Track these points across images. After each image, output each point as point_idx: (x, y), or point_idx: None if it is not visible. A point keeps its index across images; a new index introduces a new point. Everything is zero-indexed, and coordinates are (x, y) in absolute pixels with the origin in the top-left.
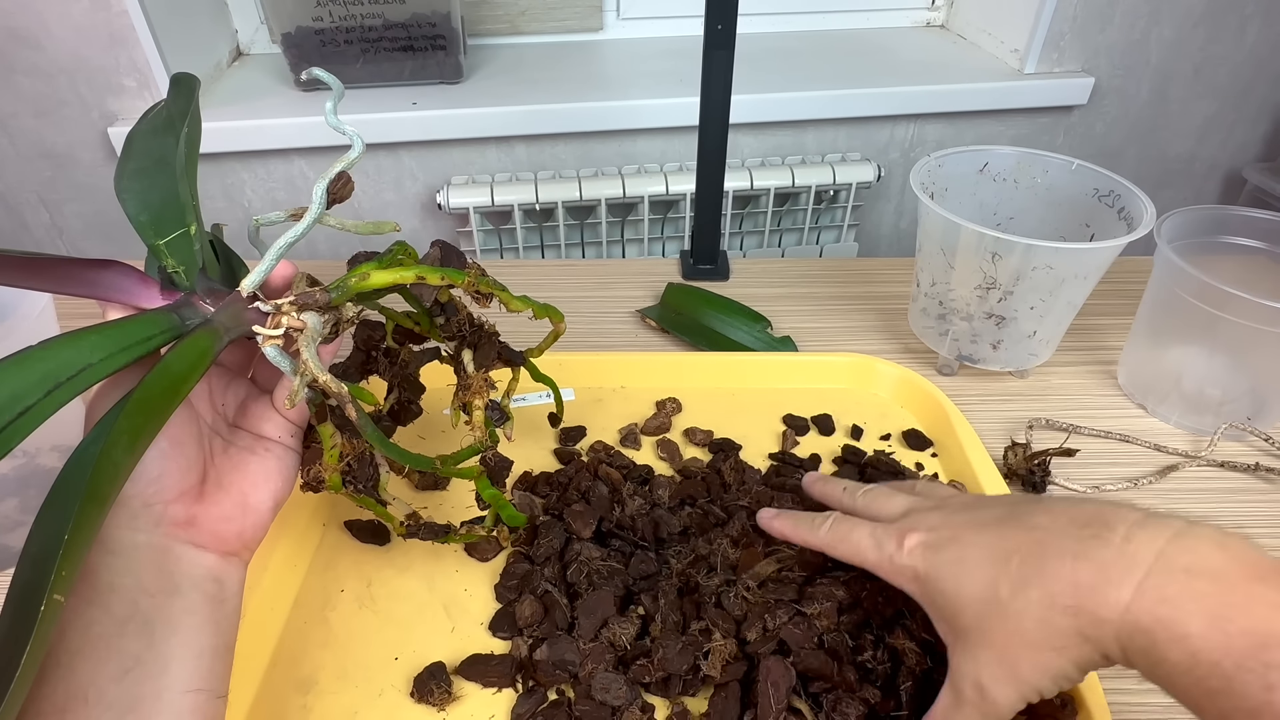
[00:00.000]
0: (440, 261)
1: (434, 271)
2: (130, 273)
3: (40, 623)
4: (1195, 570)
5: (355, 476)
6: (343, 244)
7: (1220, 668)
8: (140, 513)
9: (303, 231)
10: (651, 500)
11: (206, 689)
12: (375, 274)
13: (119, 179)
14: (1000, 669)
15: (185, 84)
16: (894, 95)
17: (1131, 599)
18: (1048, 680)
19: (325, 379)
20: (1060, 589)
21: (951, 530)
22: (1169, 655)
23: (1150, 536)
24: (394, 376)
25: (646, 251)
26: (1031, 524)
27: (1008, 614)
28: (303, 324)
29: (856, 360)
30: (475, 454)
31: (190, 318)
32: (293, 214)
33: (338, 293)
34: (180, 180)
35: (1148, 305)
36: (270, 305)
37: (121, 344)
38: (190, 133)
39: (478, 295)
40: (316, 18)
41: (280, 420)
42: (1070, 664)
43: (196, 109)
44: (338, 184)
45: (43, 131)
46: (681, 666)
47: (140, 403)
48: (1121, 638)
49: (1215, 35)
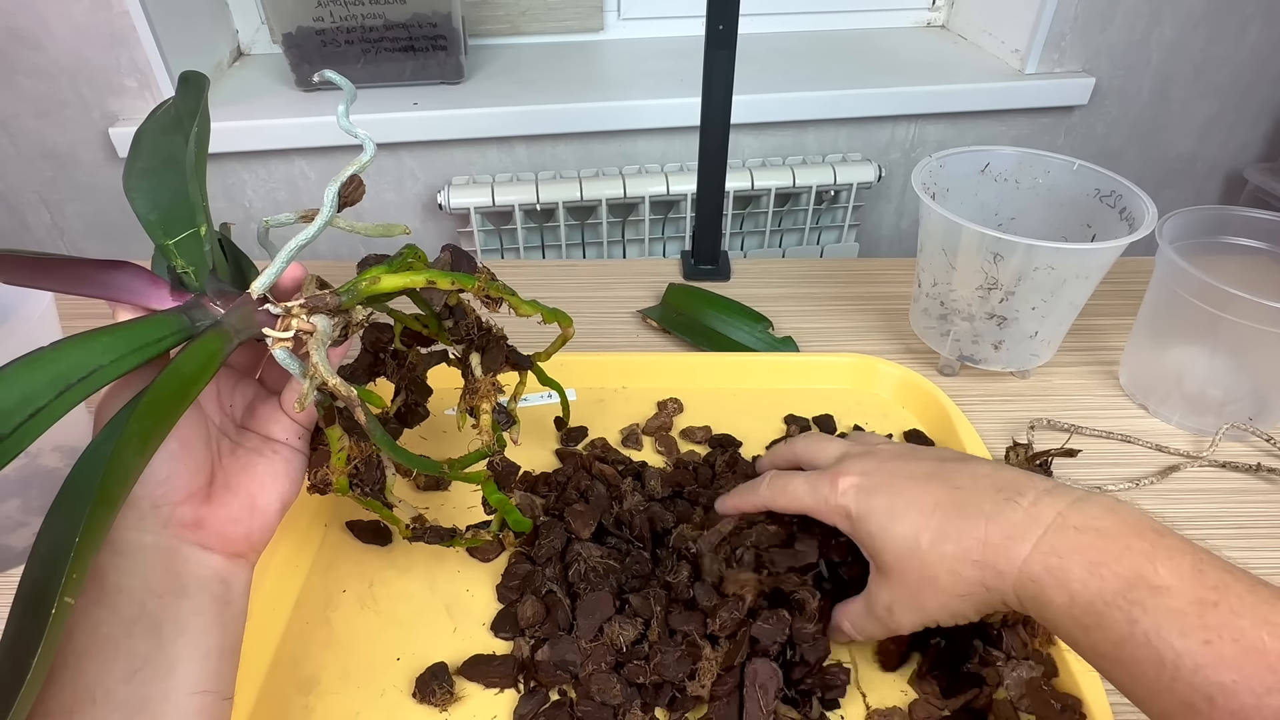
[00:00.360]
0: (451, 266)
1: (444, 276)
2: (141, 274)
3: (51, 625)
4: (1084, 528)
5: (362, 479)
6: (343, 244)
7: (1093, 606)
8: (148, 514)
9: (314, 234)
10: (647, 493)
11: (213, 690)
12: (386, 278)
13: (127, 177)
14: (910, 601)
15: (194, 82)
16: (895, 95)
17: (1029, 554)
18: (946, 615)
19: (335, 382)
20: (971, 545)
21: (883, 477)
22: (1053, 599)
23: (1053, 501)
24: (401, 379)
25: (647, 252)
26: (956, 483)
27: (925, 562)
28: (313, 327)
29: (858, 361)
30: (483, 458)
31: (200, 319)
32: (303, 216)
33: (348, 296)
34: (190, 180)
35: (1149, 306)
36: (280, 308)
37: (132, 345)
38: (200, 132)
39: (487, 300)
40: (317, 18)
41: (288, 422)
42: (970, 608)
43: (205, 107)
44: (349, 187)
45: (44, 132)
46: (678, 675)
47: (151, 405)
48: (1017, 588)
49: (1216, 35)
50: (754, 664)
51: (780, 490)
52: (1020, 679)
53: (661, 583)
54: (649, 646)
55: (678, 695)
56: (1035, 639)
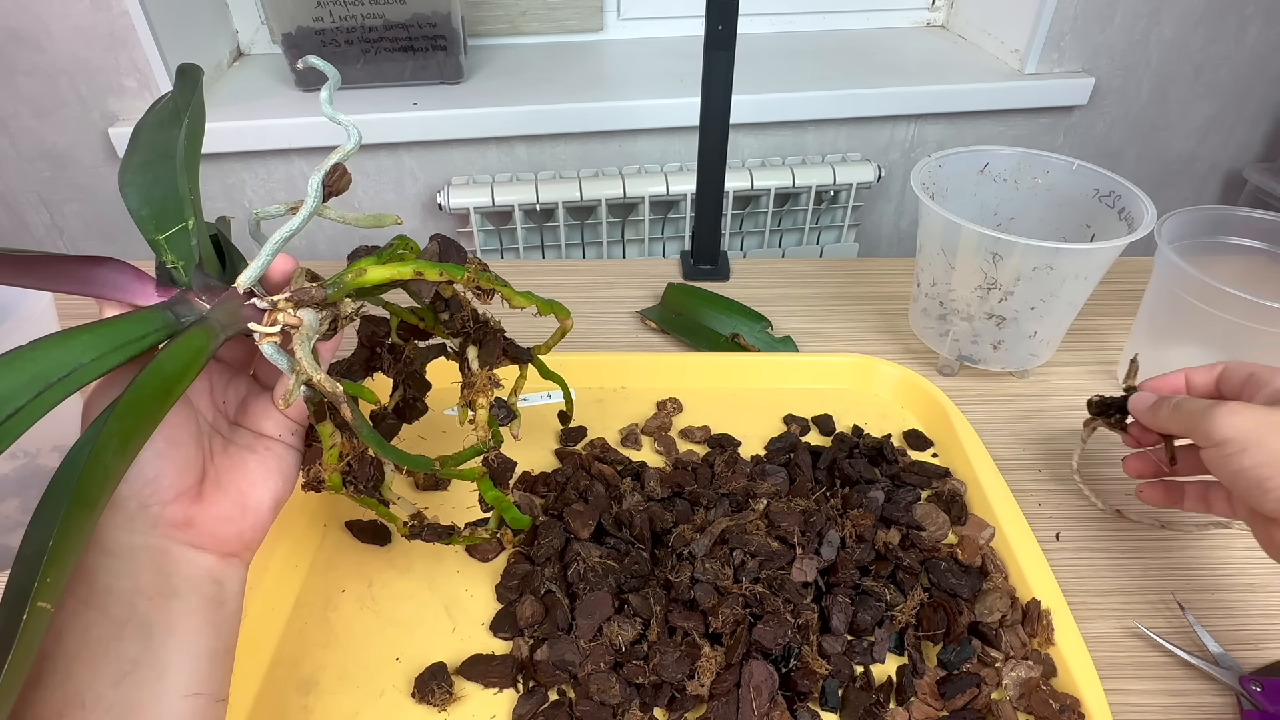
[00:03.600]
0: (439, 256)
1: (432, 267)
2: (125, 269)
3: (23, 632)
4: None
5: (356, 477)
6: (344, 244)
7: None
8: (137, 514)
9: (299, 225)
10: (646, 494)
11: (206, 692)
12: (373, 269)
13: (123, 172)
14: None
15: (190, 74)
16: (894, 95)
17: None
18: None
19: (320, 378)
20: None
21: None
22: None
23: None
24: (399, 373)
25: (647, 252)
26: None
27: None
28: (299, 321)
29: (857, 360)
30: (477, 454)
31: (185, 315)
32: (292, 207)
33: (335, 289)
34: (180, 173)
35: (1148, 305)
36: (267, 302)
37: (114, 343)
38: (192, 124)
39: (478, 291)
40: (317, 18)
41: (280, 418)
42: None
43: (200, 99)
44: (334, 176)
45: (43, 132)
46: (677, 675)
47: (131, 404)
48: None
49: (1215, 35)
50: (750, 665)
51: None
52: (1018, 679)
53: (661, 582)
54: (648, 647)
55: (676, 695)
56: (1034, 638)
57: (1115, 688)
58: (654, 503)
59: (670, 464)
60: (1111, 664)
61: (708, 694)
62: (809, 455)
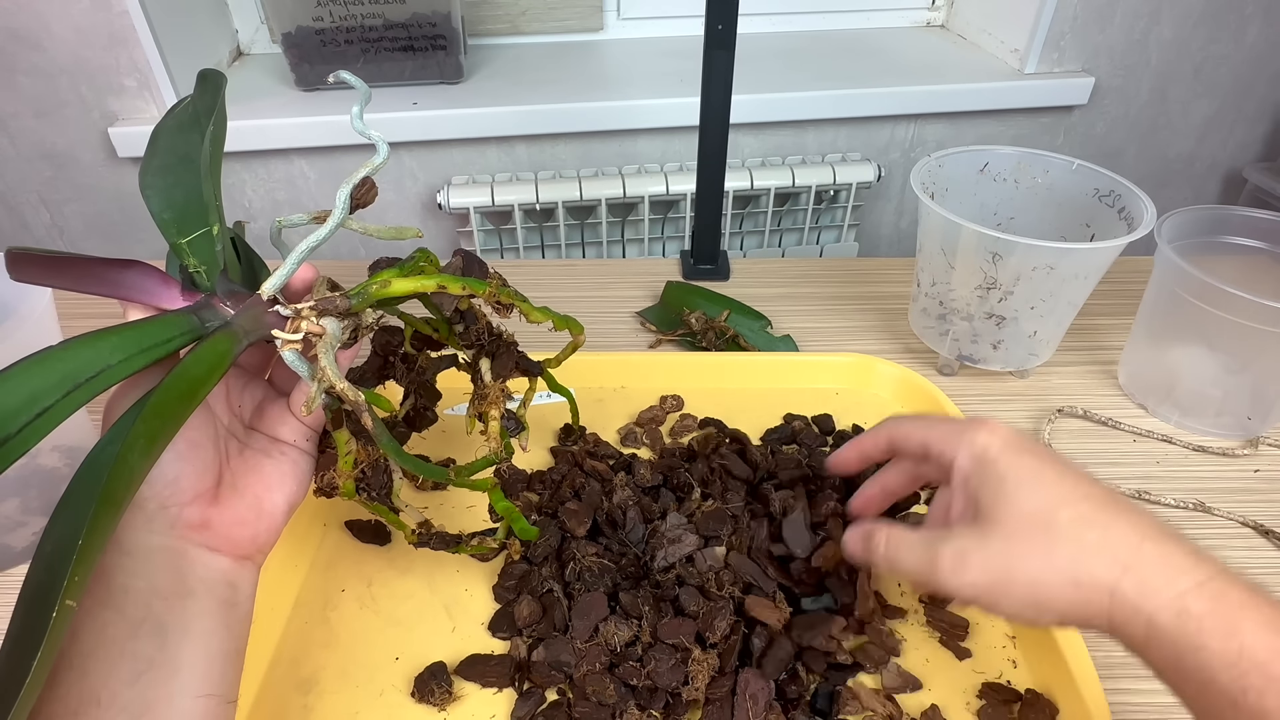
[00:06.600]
0: (462, 271)
1: (456, 281)
2: (152, 273)
3: (52, 628)
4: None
5: (369, 484)
6: (343, 245)
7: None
8: (155, 515)
9: (325, 236)
10: (637, 484)
11: (218, 694)
12: (397, 281)
13: (143, 174)
14: (998, 563)
15: (211, 80)
16: (894, 95)
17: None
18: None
19: (342, 386)
20: (1121, 548)
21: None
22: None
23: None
24: (410, 382)
25: (647, 251)
26: (1118, 498)
27: (1054, 537)
28: (322, 329)
29: (857, 360)
30: (490, 465)
31: (210, 320)
32: (315, 217)
33: (358, 299)
34: (204, 179)
35: (1148, 305)
36: (290, 310)
37: (141, 345)
38: (215, 130)
39: (498, 305)
40: (317, 18)
41: (296, 424)
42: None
43: (223, 106)
44: (361, 189)
45: (43, 132)
46: (671, 683)
47: (158, 406)
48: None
49: (1215, 35)
50: (745, 674)
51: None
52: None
53: (653, 582)
54: (642, 649)
55: (670, 700)
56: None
57: (1115, 687)
58: (645, 494)
59: (657, 453)
60: (1112, 664)
61: (703, 698)
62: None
